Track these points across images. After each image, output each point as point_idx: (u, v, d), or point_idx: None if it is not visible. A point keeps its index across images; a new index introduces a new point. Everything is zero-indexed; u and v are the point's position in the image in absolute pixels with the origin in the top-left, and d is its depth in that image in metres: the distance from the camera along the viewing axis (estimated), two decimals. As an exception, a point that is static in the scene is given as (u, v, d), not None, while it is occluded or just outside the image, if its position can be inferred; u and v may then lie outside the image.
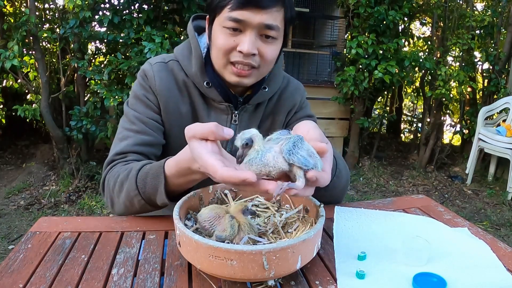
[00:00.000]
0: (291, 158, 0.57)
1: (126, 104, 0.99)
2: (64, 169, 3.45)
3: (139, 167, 0.82)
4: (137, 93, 0.97)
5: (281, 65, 1.04)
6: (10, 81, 3.63)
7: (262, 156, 0.58)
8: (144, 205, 0.82)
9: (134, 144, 0.92)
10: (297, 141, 0.59)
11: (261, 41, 0.87)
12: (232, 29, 0.85)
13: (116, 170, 0.88)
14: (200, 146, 0.62)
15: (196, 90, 0.98)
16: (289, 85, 1.08)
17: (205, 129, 0.62)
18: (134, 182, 0.81)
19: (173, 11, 3.47)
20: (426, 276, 0.64)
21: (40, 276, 0.63)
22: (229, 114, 0.98)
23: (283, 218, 0.74)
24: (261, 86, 0.98)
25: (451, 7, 4.16)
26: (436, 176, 4.05)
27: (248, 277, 0.58)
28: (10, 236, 2.58)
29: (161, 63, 0.98)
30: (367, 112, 4.32)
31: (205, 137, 0.63)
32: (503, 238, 2.82)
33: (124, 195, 0.83)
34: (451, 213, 0.91)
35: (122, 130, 0.95)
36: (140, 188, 0.80)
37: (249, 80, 0.91)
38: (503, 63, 4.03)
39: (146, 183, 0.79)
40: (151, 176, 0.78)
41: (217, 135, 0.62)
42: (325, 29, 5.05)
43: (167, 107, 0.97)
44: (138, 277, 0.64)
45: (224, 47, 0.87)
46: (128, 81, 3.03)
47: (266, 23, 0.84)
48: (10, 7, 3.80)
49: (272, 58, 0.91)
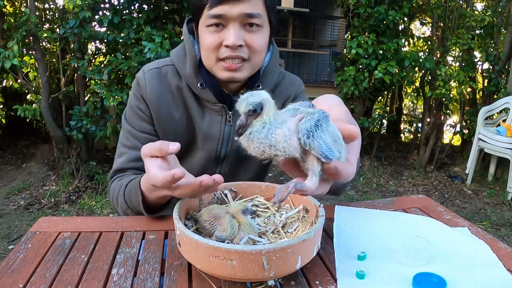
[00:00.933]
0: (310, 143, 0.43)
1: (124, 116, 1.02)
2: (64, 169, 3.45)
3: (126, 183, 0.90)
4: (132, 103, 1.00)
5: (276, 63, 1.03)
6: (10, 81, 3.63)
7: (269, 131, 0.45)
8: (137, 215, 0.88)
9: (129, 160, 0.97)
10: (321, 120, 0.45)
11: (246, 31, 0.87)
12: (215, 25, 0.86)
13: (113, 186, 0.96)
14: (150, 162, 0.66)
15: (190, 94, 0.98)
16: (283, 80, 1.07)
17: (152, 147, 0.66)
18: (123, 198, 0.89)
19: (173, 11, 3.47)
20: (426, 276, 0.64)
21: (40, 276, 0.63)
22: (223, 115, 0.98)
23: (283, 218, 0.74)
24: (254, 84, 0.98)
25: (451, 7, 4.16)
26: (436, 176, 4.05)
27: (248, 277, 0.57)
28: (10, 236, 2.58)
29: (154, 70, 0.99)
30: (367, 112, 4.32)
31: (154, 154, 0.66)
32: (503, 238, 2.82)
33: (120, 208, 0.92)
34: (451, 213, 0.91)
35: (120, 145, 1.01)
36: (128, 203, 0.88)
37: (241, 73, 0.91)
38: (503, 63, 4.03)
39: (131, 198, 0.86)
40: (133, 193, 0.85)
41: (162, 152, 0.65)
42: (325, 29, 5.06)
43: (159, 114, 0.98)
44: (138, 277, 0.64)
45: (211, 45, 0.87)
46: (128, 81, 3.03)
47: (246, 12, 0.84)
48: (10, 7, 3.80)
49: (261, 47, 0.91)
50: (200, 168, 1.01)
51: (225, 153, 1.03)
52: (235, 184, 0.82)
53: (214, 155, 1.03)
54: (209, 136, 1.00)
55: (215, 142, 1.01)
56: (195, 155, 1.04)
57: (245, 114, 0.47)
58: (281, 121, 0.45)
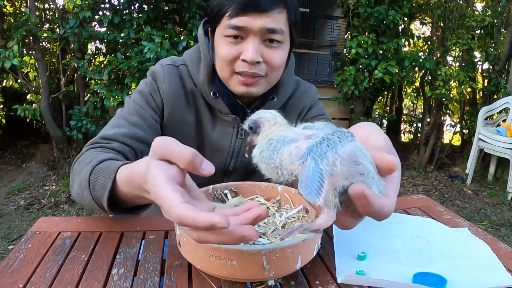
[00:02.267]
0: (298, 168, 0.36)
1: (128, 97, 0.93)
2: (64, 169, 3.45)
3: (102, 159, 0.71)
4: (143, 90, 0.92)
5: (291, 72, 0.98)
6: (10, 81, 3.63)
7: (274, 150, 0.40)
8: (91, 202, 0.69)
9: (125, 135, 0.84)
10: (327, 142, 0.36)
11: (265, 47, 0.83)
12: (233, 37, 0.82)
13: (86, 155, 0.77)
14: (160, 167, 0.46)
15: (202, 100, 0.94)
16: (297, 90, 1.01)
17: (174, 149, 0.46)
18: (89, 172, 0.69)
19: (173, 11, 3.47)
20: (426, 275, 0.64)
21: (40, 276, 0.63)
22: (235, 127, 0.94)
23: (283, 218, 0.74)
24: (269, 96, 0.93)
25: (451, 7, 4.16)
26: (436, 176, 4.05)
27: (248, 277, 0.58)
28: (10, 236, 2.58)
29: (172, 66, 0.93)
30: (367, 112, 4.32)
31: (172, 159, 0.46)
32: (503, 238, 2.82)
33: (78, 181, 0.72)
34: (451, 213, 0.91)
35: (118, 117, 0.89)
36: (91, 182, 0.68)
37: (257, 89, 0.86)
38: (503, 63, 4.03)
39: (98, 179, 0.67)
40: (103, 175, 0.66)
41: (191, 165, 0.45)
42: (325, 29, 5.06)
43: (173, 113, 0.92)
44: (138, 277, 0.64)
45: (227, 57, 0.83)
46: (128, 81, 3.03)
47: (268, 27, 0.80)
48: (10, 7, 3.80)
49: (280, 64, 0.86)
50: (206, 179, 0.85)
51: (234, 166, 0.99)
52: (235, 184, 0.81)
53: (222, 168, 0.98)
54: (218, 148, 0.95)
55: (224, 155, 0.96)
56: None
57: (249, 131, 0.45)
58: (291, 138, 0.39)
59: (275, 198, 0.80)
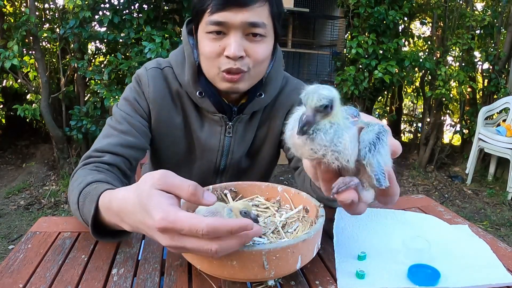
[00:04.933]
0: (370, 158, 0.39)
1: (116, 106, 0.95)
2: (64, 169, 3.45)
3: (89, 181, 0.72)
4: (129, 97, 0.93)
5: (279, 69, 0.97)
6: (10, 81, 3.63)
7: (336, 134, 0.39)
8: (84, 223, 0.71)
9: (117, 144, 0.87)
10: (382, 134, 0.41)
11: (248, 41, 0.82)
12: (216, 33, 0.81)
13: (79, 174, 0.79)
14: (163, 195, 0.50)
15: (189, 101, 0.94)
16: (286, 86, 1.01)
17: (175, 182, 0.51)
18: (77, 195, 0.71)
19: (173, 11, 3.47)
20: (421, 267, 0.65)
21: (40, 276, 0.63)
22: (222, 126, 0.95)
23: (283, 218, 0.74)
24: (256, 93, 0.93)
25: (451, 7, 4.16)
26: (436, 176, 4.05)
27: (248, 277, 0.57)
28: (10, 236, 2.58)
29: (156, 69, 0.94)
30: (367, 112, 4.30)
31: (177, 192, 0.51)
32: (503, 238, 2.82)
33: (71, 202, 0.75)
34: (451, 213, 0.91)
35: (107, 127, 0.91)
36: (80, 205, 0.70)
37: (242, 84, 0.86)
38: (503, 63, 4.03)
39: (84, 203, 0.69)
40: (89, 199, 0.68)
41: (193, 197, 0.51)
42: (325, 29, 5.05)
43: (160, 116, 0.93)
44: (138, 277, 0.64)
45: (210, 54, 0.83)
46: (128, 81, 3.03)
47: (250, 21, 0.80)
48: (10, 7, 3.80)
49: (263, 58, 0.86)
50: (199, 179, 0.86)
51: (225, 165, 0.99)
52: (235, 184, 0.82)
53: (213, 167, 0.99)
54: (208, 147, 0.96)
55: (214, 154, 0.97)
56: (194, 165, 1.00)
57: (313, 109, 0.39)
58: (347, 125, 0.40)
59: (275, 198, 0.80)
